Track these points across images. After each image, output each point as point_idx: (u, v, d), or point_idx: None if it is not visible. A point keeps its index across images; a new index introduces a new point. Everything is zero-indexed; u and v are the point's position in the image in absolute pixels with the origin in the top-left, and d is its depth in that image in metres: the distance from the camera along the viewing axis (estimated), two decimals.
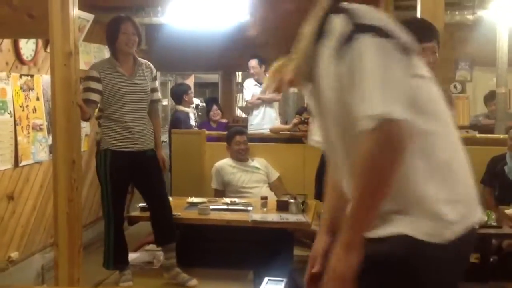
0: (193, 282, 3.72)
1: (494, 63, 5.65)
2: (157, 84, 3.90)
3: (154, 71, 3.83)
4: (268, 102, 6.20)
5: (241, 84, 9.39)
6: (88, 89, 3.59)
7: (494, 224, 3.92)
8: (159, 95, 3.91)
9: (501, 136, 5.27)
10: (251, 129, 6.08)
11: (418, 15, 2.79)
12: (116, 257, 3.74)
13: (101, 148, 3.68)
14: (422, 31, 2.62)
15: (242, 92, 7.54)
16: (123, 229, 3.81)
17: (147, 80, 3.75)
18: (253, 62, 6.22)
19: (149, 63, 3.84)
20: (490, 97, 6.20)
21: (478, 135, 5.44)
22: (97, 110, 3.73)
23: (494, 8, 5.48)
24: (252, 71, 6.26)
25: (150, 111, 3.80)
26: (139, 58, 3.77)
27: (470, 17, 5.64)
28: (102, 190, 3.69)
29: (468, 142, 5.40)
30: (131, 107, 3.65)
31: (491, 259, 4.10)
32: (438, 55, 2.60)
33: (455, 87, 7.07)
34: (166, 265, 3.81)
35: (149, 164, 3.76)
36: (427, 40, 2.59)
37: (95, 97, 3.58)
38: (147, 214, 3.92)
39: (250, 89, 6.31)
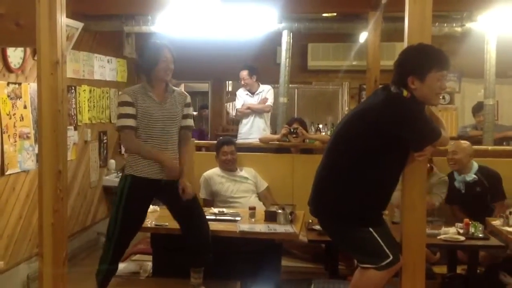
0: None
1: (482, 75, 5.69)
2: (191, 111, 3.73)
3: (188, 98, 3.71)
4: (257, 112, 6.22)
5: (231, 93, 9.41)
6: (123, 115, 3.52)
7: (481, 236, 3.94)
8: (191, 121, 3.72)
9: (489, 147, 5.31)
10: (240, 138, 6.09)
11: (406, 26, 2.79)
12: (103, 278, 3.69)
13: (125, 173, 3.61)
14: (443, 58, 2.77)
15: (234, 101, 7.53)
16: (122, 255, 3.72)
17: (178, 107, 3.62)
18: (244, 73, 6.25)
19: (183, 90, 3.72)
20: (478, 109, 6.24)
21: None
22: None
23: (482, 21, 5.52)
24: (243, 82, 6.29)
25: (181, 137, 3.66)
26: (172, 86, 3.67)
27: (458, 29, 5.69)
28: (113, 213, 3.59)
29: None
30: (159, 134, 3.54)
31: (478, 271, 4.11)
32: None
33: (443, 98, 7.12)
34: (192, 283, 3.74)
35: (178, 191, 3.61)
36: (448, 67, 2.80)
37: (132, 122, 3.50)
38: None
39: (242, 98, 6.34)
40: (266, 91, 6.31)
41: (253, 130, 6.20)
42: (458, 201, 4.68)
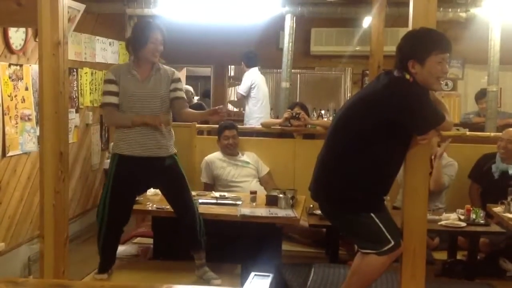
0: (218, 281, 3.69)
1: (486, 61, 5.65)
2: (179, 85, 3.72)
3: (176, 74, 3.71)
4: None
5: (233, 78, 9.38)
6: (106, 93, 3.62)
7: (482, 222, 3.95)
8: (181, 93, 3.71)
9: (491, 134, 5.30)
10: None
11: (411, 11, 2.77)
12: (100, 261, 3.73)
13: (112, 152, 3.69)
14: (444, 41, 2.73)
15: (236, 86, 7.54)
16: (115, 237, 3.73)
17: (163, 84, 3.63)
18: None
19: (170, 67, 3.73)
20: (481, 95, 6.22)
21: (468, 133, 5.46)
22: None
23: (487, 6, 5.48)
24: None
25: (175, 108, 3.68)
26: (159, 64, 3.66)
27: (463, 14, 5.64)
28: (102, 192, 3.65)
29: (458, 139, 5.52)
30: (141, 112, 3.57)
31: (478, 257, 4.12)
32: None
33: (446, 84, 7.08)
34: (196, 264, 3.79)
35: (168, 172, 3.67)
36: (449, 50, 2.75)
37: (114, 99, 3.58)
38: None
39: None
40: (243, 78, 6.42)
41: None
42: (484, 184, 4.66)
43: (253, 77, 6.36)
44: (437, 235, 4.37)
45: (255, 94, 6.33)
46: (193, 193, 4.33)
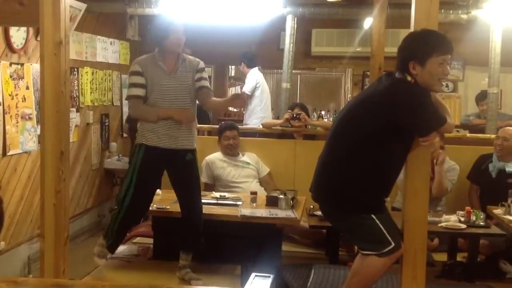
0: (199, 282, 3.66)
1: (487, 63, 5.66)
2: (204, 75, 3.75)
3: (201, 63, 3.73)
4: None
5: (234, 78, 9.38)
6: (132, 85, 3.60)
7: (482, 224, 3.95)
8: (206, 82, 3.75)
9: (492, 136, 5.29)
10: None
11: (412, 13, 2.77)
12: (110, 244, 3.72)
13: (136, 142, 3.68)
14: (445, 42, 2.73)
15: (236, 86, 7.53)
16: (132, 223, 3.82)
17: (189, 75, 3.65)
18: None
19: (195, 58, 3.74)
20: (481, 97, 6.22)
21: (468, 135, 5.46)
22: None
23: (488, 8, 5.48)
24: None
25: (201, 96, 3.70)
26: (185, 54, 3.68)
27: (464, 16, 5.65)
28: (126, 179, 3.65)
29: (458, 141, 5.51)
30: (169, 104, 3.57)
31: (478, 259, 4.12)
32: None
33: (446, 86, 7.08)
34: (180, 265, 3.76)
35: (186, 168, 3.67)
36: (450, 51, 2.74)
37: (140, 91, 3.57)
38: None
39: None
40: (247, 78, 6.39)
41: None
42: (483, 184, 4.68)
43: (258, 77, 6.38)
44: (437, 236, 4.37)
45: (259, 94, 6.33)
46: None
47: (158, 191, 4.18)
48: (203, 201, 4.09)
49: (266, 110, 6.39)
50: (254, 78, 6.35)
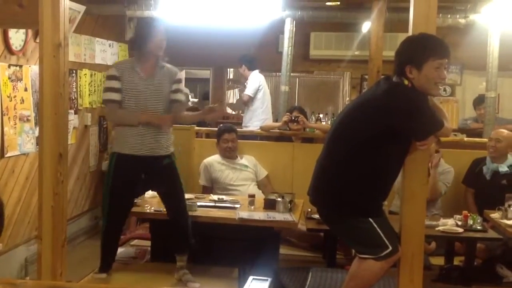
0: (196, 284, 3.67)
1: (484, 67, 5.66)
2: (181, 86, 3.73)
3: (178, 74, 3.72)
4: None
5: (232, 81, 9.39)
6: (108, 89, 3.59)
7: (479, 228, 3.95)
8: (181, 96, 3.71)
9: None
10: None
11: (411, 17, 2.78)
12: (100, 260, 3.74)
13: (111, 150, 3.69)
14: (441, 46, 2.74)
15: (235, 89, 7.51)
16: (115, 236, 3.76)
17: (166, 83, 3.63)
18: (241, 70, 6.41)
19: (173, 66, 3.73)
20: (479, 101, 6.23)
21: (466, 139, 5.48)
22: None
23: (486, 13, 5.49)
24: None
25: (171, 109, 3.65)
26: (162, 62, 3.67)
27: (462, 20, 5.66)
28: (103, 192, 3.66)
29: (456, 145, 5.54)
30: (143, 109, 3.56)
31: (475, 263, 4.13)
32: None
33: (444, 90, 7.09)
34: (177, 266, 3.77)
35: (165, 172, 3.67)
36: (447, 56, 2.75)
37: (116, 96, 3.55)
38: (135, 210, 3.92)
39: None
40: (249, 80, 6.40)
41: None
42: (478, 186, 4.70)
43: (260, 79, 6.40)
44: (434, 240, 4.38)
45: (261, 96, 6.35)
46: (192, 195, 4.35)
47: (155, 193, 4.18)
48: (201, 203, 4.11)
49: (267, 112, 6.41)
50: (257, 80, 6.37)
